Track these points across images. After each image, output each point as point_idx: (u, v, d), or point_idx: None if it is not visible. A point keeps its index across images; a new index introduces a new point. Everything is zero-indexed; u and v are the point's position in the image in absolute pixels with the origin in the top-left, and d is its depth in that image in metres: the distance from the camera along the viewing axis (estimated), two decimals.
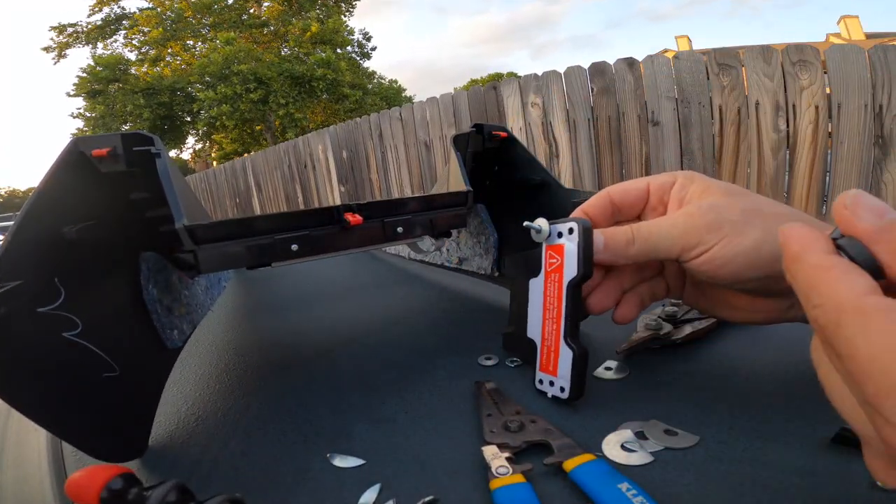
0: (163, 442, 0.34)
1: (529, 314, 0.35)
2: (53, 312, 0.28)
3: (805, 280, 0.15)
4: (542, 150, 2.29)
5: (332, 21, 13.28)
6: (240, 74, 10.65)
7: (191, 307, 0.45)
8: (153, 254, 0.40)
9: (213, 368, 0.46)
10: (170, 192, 0.31)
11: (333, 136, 3.63)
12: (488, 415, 0.31)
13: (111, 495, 0.19)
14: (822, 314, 0.15)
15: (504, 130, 0.50)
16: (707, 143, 1.93)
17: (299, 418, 0.35)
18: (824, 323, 0.15)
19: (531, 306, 0.35)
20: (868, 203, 0.15)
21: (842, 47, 1.68)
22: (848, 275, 0.14)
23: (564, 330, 0.32)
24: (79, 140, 0.32)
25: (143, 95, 11.53)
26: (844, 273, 0.14)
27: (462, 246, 0.60)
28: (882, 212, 0.15)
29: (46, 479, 0.31)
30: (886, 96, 1.61)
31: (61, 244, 0.29)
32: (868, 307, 0.14)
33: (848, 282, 0.14)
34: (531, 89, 2.27)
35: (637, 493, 0.22)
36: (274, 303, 0.70)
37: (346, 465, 0.29)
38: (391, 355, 0.45)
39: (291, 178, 4.24)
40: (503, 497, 0.24)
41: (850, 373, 0.14)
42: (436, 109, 2.74)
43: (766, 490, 0.23)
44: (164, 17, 12.86)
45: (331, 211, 0.37)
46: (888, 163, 1.64)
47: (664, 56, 2.00)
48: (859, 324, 0.14)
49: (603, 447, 0.28)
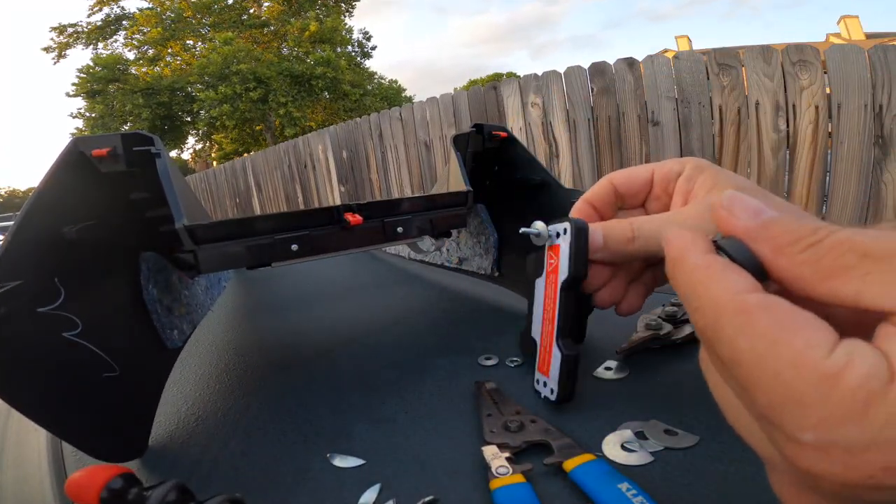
0: (163, 442, 0.34)
1: (534, 314, 0.35)
2: (53, 312, 0.28)
3: (684, 282, 0.14)
4: (542, 150, 2.29)
5: (331, 20, 13.30)
6: (239, 74, 10.66)
7: (191, 307, 0.45)
8: (153, 254, 0.40)
9: (213, 368, 0.46)
10: (170, 192, 0.31)
11: (333, 136, 3.63)
12: (488, 415, 0.31)
13: (111, 495, 0.19)
14: (700, 317, 0.13)
15: (504, 130, 0.50)
16: (707, 143, 1.94)
17: (299, 418, 0.35)
18: (703, 326, 0.13)
19: (535, 306, 0.35)
20: (745, 203, 0.14)
21: (842, 47, 1.68)
22: (726, 273, 0.13)
23: (557, 331, 0.32)
24: (79, 140, 0.32)
25: (142, 95, 11.53)
26: (722, 271, 0.13)
27: (462, 246, 0.60)
28: (759, 210, 0.14)
29: (46, 479, 0.31)
30: (886, 96, 1.61)
31: (61, 244, 0.29)
32: (749, 305, 0.12)
33: (726, 280, 0.13)
34: (531, 89, 2.27)
35: (637, 493, 0.22)
36: (274, 303, 0.70)
37: (346, 465, 0.29)
38: (391, 355, 0.45)
39: (291, 178, 4.24)
40: (503, 497, 0.24)
41: (739, 382, 0.12)
42: (436, 109, 2.74)
43: (766, 490, 0.23)
44: (164, 17, 12.87)
45: (331, 211, 0.37)
46: (888, 163, 1.64)
47: (664, 56, 2.00)
48: (740, 323, 0.12)
49: (603, 447, 0.28)
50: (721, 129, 1.90)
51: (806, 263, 0.12)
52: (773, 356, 0.11)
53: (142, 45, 13.08)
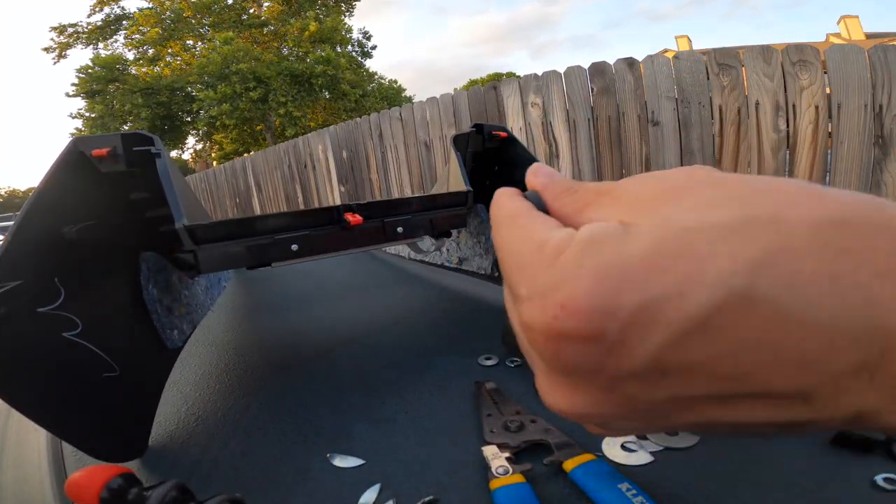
0: (163, 442, 0.34)
1: None
2: (53, 312, 0.28)
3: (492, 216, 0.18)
4: (542, 150, 2.29)
5: (331, 20, 13.29)
6: (239, 73, 10.66)
7: (191, 307, 0.45)
8: (153, 254, 0.40)
9: (213, 368, 0.46)
10: (170, 192, 0.31)
11: (333, 136, 3.63)
12: (488, 415, 0.31)
13: (111, 495, 0.19)
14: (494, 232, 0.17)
15: (504, 130, 0.50)
16: (707, 143, 1.93)
17: (299, 418, 0.35)
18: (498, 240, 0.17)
19: None
20: (543, 169, 0.19)
21: (842, 47, 1.68)
22: (514, 199, 0.17)
23: None
24: (79, 140, 0.32)
25: (141, 95, 11.52)
26: (511, 198, 0.18)
27: (462, 246, 0.60)
28: (550, 174, 0.18)
29: (46, 479, 0.31)
30: (886, 96, 1.61)
31: (61, 244, 0.29)
32: (520, 211, 0.16)
33: (521, 207, 0.17)
34: (531, 89, 2.27)
35: (637, 493, 0.22)
36: (274, 303, 0.70)
37: (346, 465, 0.29)
38: (391, 355, 0.45)
39: (291, 178, 4.24)
40: (503, 497, 0.24)
41: (504, 272, 0.15)
42: (436, 109, 2.74)
43: (766, 490, 0.23)
44: (164, 17, 12.87)
45: (331, 211, 0.37)
46: (888, 163, 1.64)
47: (664, 56, 2.00)
48: (510, 222, 0.16)
49: (603, 447, 0.28)
50: (721, 129, 1.90)
51: (568, 205, 0.16)
52: (518, 238, 0.15)
53: (141, 45, 13.08)
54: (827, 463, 0.25)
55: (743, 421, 0.12)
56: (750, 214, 0.12)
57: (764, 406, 0.12)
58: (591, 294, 0.12)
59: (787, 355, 0.11)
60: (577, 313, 0.12)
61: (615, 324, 0.11)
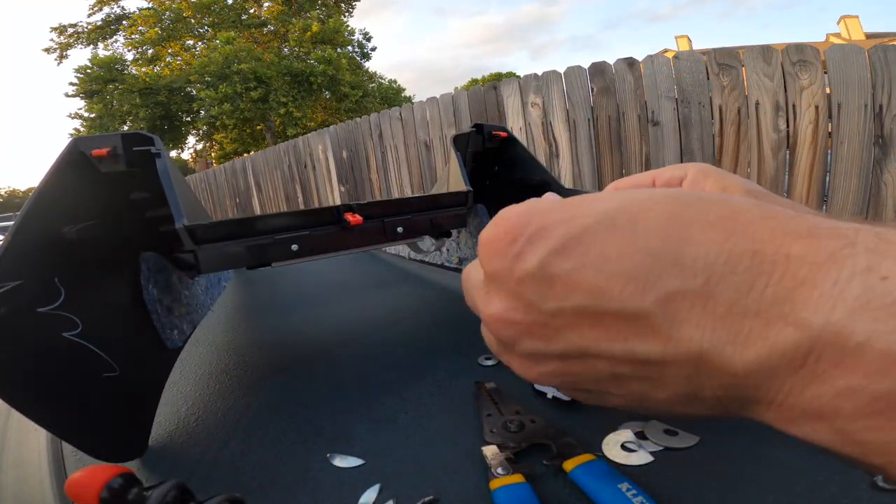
0: (163, 442, 0.34)
1: None
2: (53, 312, 0.28)
3: None
4: (542, 150, 2.29)
5: (333, 21, 13.29)
6: (240, 73, 10.66)
7: (191, 307, 0.45)
8: (153, 254, 0.40)
9: (213, 368, 0.46)
10: (170, 192, 0.31)
11: (333, 136, 3.63)
12: (488, 415, 0.31)
13: (111, 495, 0.19)
14: None
15: (504, 130, 0.50)
16: (707, 143, 1.93)
17: (299, 418, 0.35)
18: None
19: None
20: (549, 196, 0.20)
21: (842, 47, 1.68)
22: None
23: None
24: (79, 140, 0.32)
25: (139, 95, 11.51)
26: None
27: (462, 246, 0.60)
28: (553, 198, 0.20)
29: (46, 479, 0.31)
30: (886, 96, 1.61)
31: (61, 244, 0.29)
32: None
33: None
34: (531, 89, 2.27)
35: (637, 493, 0.22)
36: (274, 303, 0.70)
37: (346, 465, 0.29)
38: (391, 355, 0.45)
39: (291, 178, 4.24)
40: (503, 497, 0.24)
41: None
42: (436, 109, 2.74)
43: (766, 490, 0.23)
44: (163, 17, 12.86)
45: (331, 211, 0.37)
46: (888, 163, 1.64)
47: (664, 56, 2.00)
48: None
49: (603, 447, 0.28)
50: (721, 129, 1.90)
51: None
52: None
53: (141, 45, 13.07)
54: (827, 463, 0.25)
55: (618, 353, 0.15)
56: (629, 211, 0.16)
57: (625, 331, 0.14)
58: (514, 218, 0.16)
59: (628, 270, 0.14)
60: (503, 227, 0.16)
61: (522, 236, 0.16)
